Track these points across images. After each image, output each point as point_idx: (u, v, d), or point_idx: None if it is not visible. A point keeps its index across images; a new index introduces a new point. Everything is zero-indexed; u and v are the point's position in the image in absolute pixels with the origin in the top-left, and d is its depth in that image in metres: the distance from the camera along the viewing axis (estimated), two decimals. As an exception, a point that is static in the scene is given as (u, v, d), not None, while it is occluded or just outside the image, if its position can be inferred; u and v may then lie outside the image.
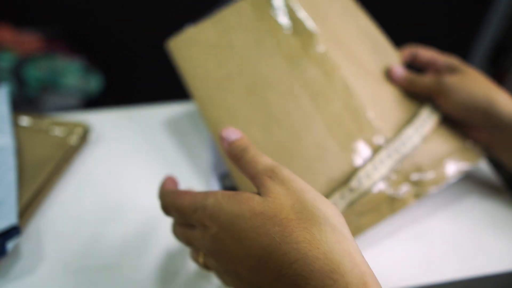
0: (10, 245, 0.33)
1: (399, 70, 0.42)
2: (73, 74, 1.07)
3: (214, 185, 0.41)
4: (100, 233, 0.38)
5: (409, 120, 0.40)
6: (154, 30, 1.10)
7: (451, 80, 0.38)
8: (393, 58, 0.44)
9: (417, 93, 0.42)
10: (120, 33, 1.18)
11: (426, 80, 0.40)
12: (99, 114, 0.52)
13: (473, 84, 0.38)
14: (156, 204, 0.41)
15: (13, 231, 0.34)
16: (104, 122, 0.50)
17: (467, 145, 0.40)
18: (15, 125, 0.46)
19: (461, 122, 0.40)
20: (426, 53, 0.43)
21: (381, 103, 0.40)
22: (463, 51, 1.31)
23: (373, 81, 0.41)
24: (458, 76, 0.39)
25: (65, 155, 0.44)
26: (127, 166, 0.45)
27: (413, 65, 0.44)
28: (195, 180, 0.43)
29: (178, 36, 0.42)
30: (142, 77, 1.26)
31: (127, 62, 1.23)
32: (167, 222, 0.39)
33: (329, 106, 0.39)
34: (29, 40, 1.06)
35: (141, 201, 0.41)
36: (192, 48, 0.42)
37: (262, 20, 0.41)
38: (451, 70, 0.40)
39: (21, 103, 1.02)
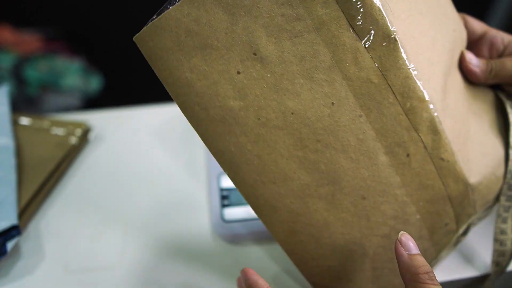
0: (10, 245, 0.33)
1: (473, 59, 0.31)
2: (73, 74, 1.07)
3: (213, 185, 0.41)
4: (100, 233, 0.38)
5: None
6: (154, 30, 1.09)
7: None
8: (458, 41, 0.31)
9: (495, 84, 0.32)
10: (120, 34, 1.18)
11: (510, 64, 0.30)
12: (99, 114, 0.52)
13: None
14: (155, 204, 0.41)
15: (13, 231, 0.34)
16: (104, 122, 0.50)
17: None
18: (15, 125, 0.46)
19: None
20: (478, 26, 0.32)
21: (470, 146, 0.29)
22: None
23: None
24: None
25: (65, 155, 0.44)
26: (127, 166, 0.45)
27: None
28: (195, 180, 0.43)
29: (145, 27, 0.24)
30: (142, 77, 1.26)
31: (127, 62, 1.23)
32: (167, 222, 0.39)
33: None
34: (29, 40, 1.07)
35: (141, 201, 0.41)
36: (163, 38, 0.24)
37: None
38: None
39: (21, 103, 1.02)
